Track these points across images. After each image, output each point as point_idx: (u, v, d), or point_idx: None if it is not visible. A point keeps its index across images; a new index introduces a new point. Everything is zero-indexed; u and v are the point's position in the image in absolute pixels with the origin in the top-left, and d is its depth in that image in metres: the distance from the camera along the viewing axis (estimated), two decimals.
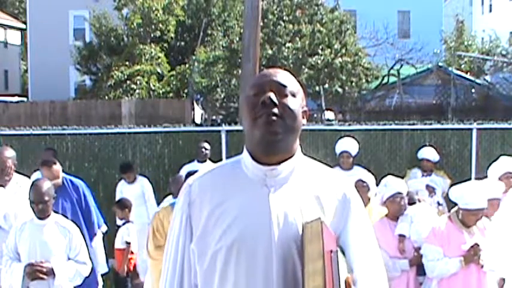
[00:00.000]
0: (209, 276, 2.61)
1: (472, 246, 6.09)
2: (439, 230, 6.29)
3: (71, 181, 7.54)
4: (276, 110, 2.57)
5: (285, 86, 2.63)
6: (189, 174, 6.92)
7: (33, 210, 6.01)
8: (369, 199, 7.60)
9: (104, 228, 7.97)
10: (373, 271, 2.70)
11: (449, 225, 6.26)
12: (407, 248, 6.57)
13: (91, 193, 7.81)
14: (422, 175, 10.57)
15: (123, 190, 10.53)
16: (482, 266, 6.12)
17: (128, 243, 8.95)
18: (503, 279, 6.54)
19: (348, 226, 2.69)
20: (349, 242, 2.68)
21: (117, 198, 10.09)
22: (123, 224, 9.11)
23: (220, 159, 10.40)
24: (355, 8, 30.00)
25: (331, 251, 2.44)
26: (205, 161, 10.62)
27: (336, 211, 2.67)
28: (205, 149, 10.83)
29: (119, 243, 8.97)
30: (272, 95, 2.58)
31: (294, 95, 2.65)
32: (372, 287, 2.67)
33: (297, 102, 2.65)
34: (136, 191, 10.42)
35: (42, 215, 6.02)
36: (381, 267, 2.76)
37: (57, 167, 7.40)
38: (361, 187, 7.45)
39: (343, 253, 2.62)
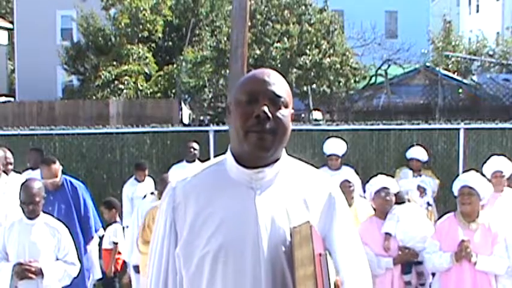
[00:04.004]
0: (196, 281, 2.56)
1: (461, 242, 6.04)
2: (441, 224, 6.41)
3: (70, 182, 7.48)
4: (269, 125, 2.50)
5: (279, 97, 2.54)
6: None
7: (23, 210, 5.99)
8: (353, 198, 7.64)
9: (101, 232, 7.94)
10: (359, 271, 2.69)
11: (451, 220, 6.31)
12: (393, 246, 6.58)
13: (90, 196, 7.77)
14: (413, 175, 10.58)
15: (133, 189, 10.44)
16: (475, 264, 6.04)
17: (115, 244, 8.96)
18: None
19: (333, 226, 2.66)
20: (335, 242, 2.65)
21: (126, 197, 10.15)
22: (110, 224, 9.10)
23: (208, 160, 10.37)
24: (342, 8, 30.03)
25: (320, 255, 2.42)
26: (194, 161, 10.59)
27: (322, 212, 2.64)
28: (194, 149, 10.80)
29: (106, 244, 8.95)
30: (266, 109, 2.49)
31: (286, 106, 2.57)
32: (358, 287, 2.66)
33: (288, 112, 2.58)
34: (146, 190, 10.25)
35: (32, 215, 6.00)
36: (366, 267, 2.75)
37: (57, 166, 7.32)
38: (346, 187, 7.48)
39: (330, 254, 2.59)
